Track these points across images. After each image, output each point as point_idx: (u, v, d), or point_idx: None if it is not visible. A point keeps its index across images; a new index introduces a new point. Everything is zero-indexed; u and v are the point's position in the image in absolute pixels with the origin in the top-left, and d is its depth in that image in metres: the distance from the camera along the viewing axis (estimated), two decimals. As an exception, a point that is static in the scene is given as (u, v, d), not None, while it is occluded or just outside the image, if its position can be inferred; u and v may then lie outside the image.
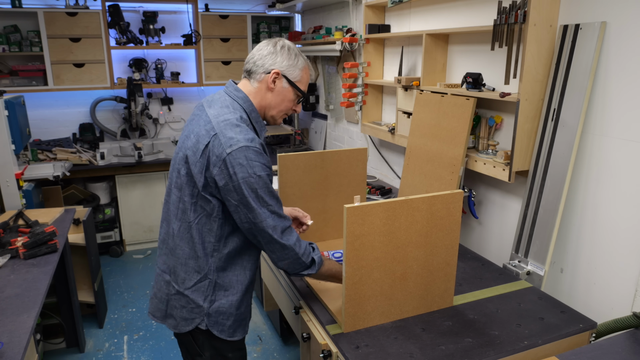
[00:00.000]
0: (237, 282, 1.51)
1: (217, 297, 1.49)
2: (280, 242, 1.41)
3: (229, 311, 1.51)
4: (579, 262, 1.85)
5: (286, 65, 1.46)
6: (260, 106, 1.50)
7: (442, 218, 1.51)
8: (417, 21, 2.72)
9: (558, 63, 1.82)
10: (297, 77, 1.48)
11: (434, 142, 2.33)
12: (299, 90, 1.50)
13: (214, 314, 1.49)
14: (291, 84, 1.48)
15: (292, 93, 1.50)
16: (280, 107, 1.51)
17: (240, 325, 1.56)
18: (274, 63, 1.45)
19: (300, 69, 1.48)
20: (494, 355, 1.37)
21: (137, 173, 4.07)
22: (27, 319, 1.64)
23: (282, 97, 1.48)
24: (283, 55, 1.46)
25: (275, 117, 1.54)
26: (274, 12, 4.60)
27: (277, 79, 1.46)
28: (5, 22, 3.80)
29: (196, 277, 1.47)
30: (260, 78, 1.46)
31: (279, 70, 1.45)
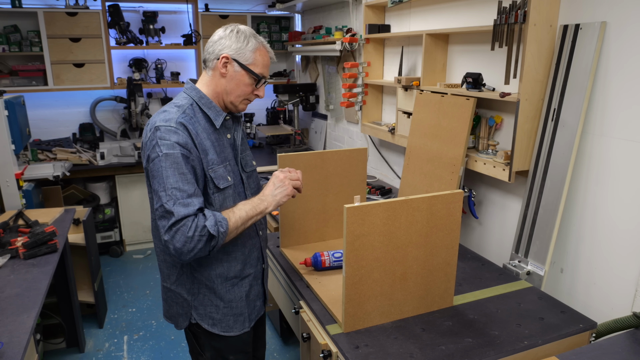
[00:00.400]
0: (217, 275, 1.49)
1: (199, 290, 1.49)
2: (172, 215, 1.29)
3: (215, 303, 1.49)
4: (579, 262, 1.85)
5: (235, 49, 1.40)
6: (215, 93, 1.46)
7: (442, 218, 1.51)
8: (417, 21, 2.72)
9: (558, 63, 1.82)
10: (249, 59, 1.42)
11: (434, 142, 2.33)
12: (252, 73, 1.43)
13: (199, 307, 1.49)
14: (243, 67, 1.41)
15: (247, 77, 1.43)
16: (237, 92, 1.45)
17: (236, 321, 1.54)
18: (223, 48, 1.41)
19: (251, 50, 1.41)
20: (494, 355, 1.37)
21: (137, 173, 4.07)
22: (27, 319, 1.64)
23: (236, 82, 1.43)
24: (232, 38, 1.41)
25: (234, 103, 1.47)
26: (274, 12, 4.60)
27: (227, 63, 1.41)
28: (5, 22, 3.80)
29: (175, 271, 1.49)
30: (212, 65, 1.43)
31: (228, 55, 1.40)
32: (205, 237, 1.31)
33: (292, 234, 2.11)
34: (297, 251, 2.09)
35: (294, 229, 2.11)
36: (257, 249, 1.61)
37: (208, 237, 1.31)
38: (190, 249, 1.29)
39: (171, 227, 1.29)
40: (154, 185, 1.33)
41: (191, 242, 1.29)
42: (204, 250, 1.33)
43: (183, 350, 2.84)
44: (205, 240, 1.31)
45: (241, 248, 1.53)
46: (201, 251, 1.32)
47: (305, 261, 1.89)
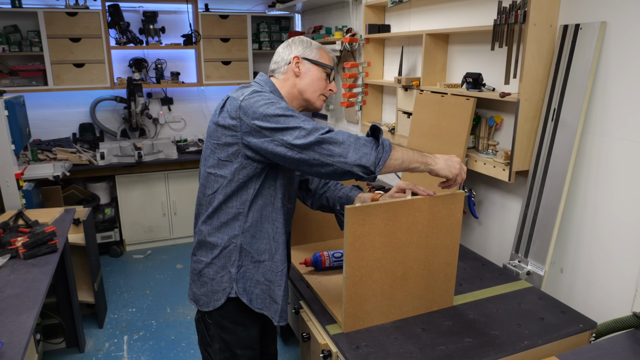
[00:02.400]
0: (264, 250, 1.51)
1: (243, 263, 1.50)
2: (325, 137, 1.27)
3: (256, 278, 1.51)
4: (579, 262, 1.85)
5: (302, 49, 1.54)
6: (291, 95, 1.54)
7: (443, 219, 1.51)
8: (417, 21, 2.72)
9: (558, 63, 1.82)
10: (317, 55, 1.54)
11: (434, 142, 2.33)
12: (323, 65, 1.54)
13: (241, 280, 1.50)
14: (314, 62, 1.54)
15: (319, 71, 1.55)
16: (314, 87, 1.54)
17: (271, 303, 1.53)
18: (291, 52, 1.54)
19: (316, 48, 1.55)
20: (494, 355, 1.37)
21: (137, 173, 4.07)
22: (27, 319, 1.64)
23: (310, 77, 1.53)
24: (296, 43, 1.55)
25: (312, 101, 1.55)
26: (274, 12, 4.60)
27: (299, 62, 1.53)
28: (5, 22, 3.80)
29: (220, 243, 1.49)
30: (284, 70, 1.54)
31: (298, 54, 1.53)
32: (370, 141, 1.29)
33: (292, 234, 2.11)
34: (297, 251, 2.09)
35: (294, 229, 2.11)
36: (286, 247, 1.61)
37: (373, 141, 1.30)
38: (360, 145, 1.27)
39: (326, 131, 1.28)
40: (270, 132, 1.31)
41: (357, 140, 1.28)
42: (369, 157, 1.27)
43: (183, 350, 2.84)
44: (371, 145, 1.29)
45: (283, 235, 1.55)
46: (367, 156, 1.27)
47: (305, 261, 1.89)
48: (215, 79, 4.42)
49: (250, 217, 1.47)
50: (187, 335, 2.99)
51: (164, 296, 3.47)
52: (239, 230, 1.48)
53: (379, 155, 1.28)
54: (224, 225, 1.49)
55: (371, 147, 1.29)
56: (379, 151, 1.28)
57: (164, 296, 3.47)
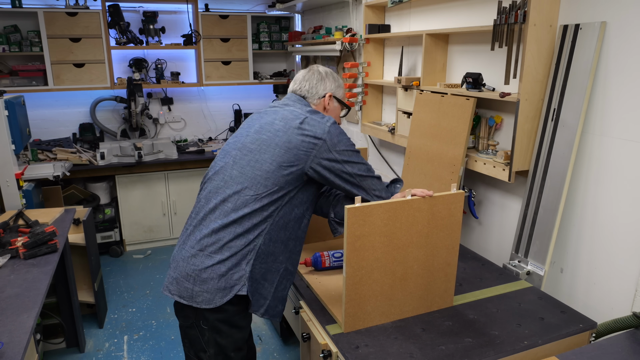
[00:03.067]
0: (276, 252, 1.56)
1: (256, 263, 1.53)
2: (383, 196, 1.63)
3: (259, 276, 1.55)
4: (579, 262, 1.85)
5: (334, 88, 1.74)
6: None
7: (443, 218, 1.51)
8: (417, 21, 2.72)
9: (558, 63, 1.82)
10: (342, 95, 1.79)
11: (434, 142, 2.33)
12: (345, 105, 1.81)
13: (251, 279, 1.52)
14: (339, 102, 1.77)
15: (339, 108, 1.80)
16: None
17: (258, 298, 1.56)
18: (326, 88, 1.72)
19: (342, 88, 1.79)
20: (494, 355, 1.37)
21: (137, 173, 4.07)
22: (27, 319, 1.64)
23: (334, 112, 1.77)
24: (330, 80, 1.74)
25: None
26: (274, 12, 4.60)
27: (330, 100, 1.73)
28: (5, 22, 3.80)
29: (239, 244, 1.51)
30: (317, 102, 1.72)
31: (332, 94, 1.73)
32: None
33: (292, 234, 2.11)
34: (297, 251, 2.08)
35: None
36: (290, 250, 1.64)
37: None
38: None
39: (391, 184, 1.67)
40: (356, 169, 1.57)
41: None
42: None
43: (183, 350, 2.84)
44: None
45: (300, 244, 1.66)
46: None
47: (305, 261, 1.89)
48: (215, 79, 4.42)
49: (276, 222, 1.55)
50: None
51: (164, 296, 3.47)
52: (262, 232, 1.53)
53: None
54: (252, 226, 1.52)
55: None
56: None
57: (164, 296, 3.47)
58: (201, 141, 4.64)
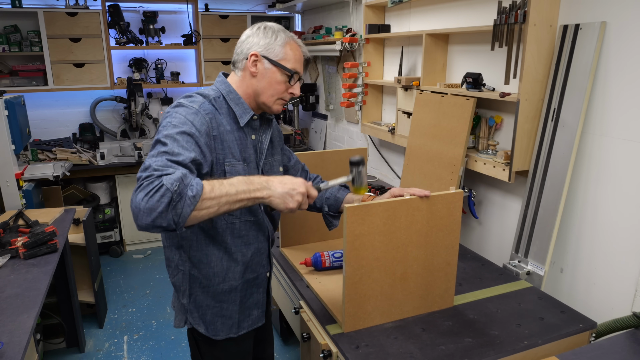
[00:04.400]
0: (214, 274, 1.41)
1: (193, 290, 1.42)
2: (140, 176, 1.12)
3: (206, 302, 1.43)
4: (579, 262, 1.85)
5: (263, 45, 1.33)
6: (246, 94, 1.38)
7: (443, 218, 1.51)
8: (417, 21, 2.72)
9: (558, 63, 1.82)
10: (280, 54, 1.34)
11: (434, 142, 2.33)
12: (284, 68, 1.34)
13: (194, 311, 1.45)
14: (274, 63, 1.34)
15: (279, 73, 1.35)
16: (270, 92, 1.36)
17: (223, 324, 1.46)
18: (251, 46, 1.34)
19: (280, 45, 1.34)
20: (494, 355, 1.37)
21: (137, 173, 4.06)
22: (27, 319, 1.64)
23: (267, 80, 1.35)
24: (259, 35, 1.35)
25: (267, 104, 1.38)
26: (274, 12, 4.60)
27: (257, 61, 1.34)
28: (5, 22, 3.80)
29: (170, 268, 1.44)
30: (242, 66, 1.36)
31: (257, 52, 1.33)
32: (165, 196, 1.04)
33: (292, 234, 2.11)
34: (297, 251, 2.09)
35: (294, 229, 2.11)
36: (264, 254, 1.51)
37: (169, 196, 1.05)
38: (148, 208, 1.04)
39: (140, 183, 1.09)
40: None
41: (150, 199, 1.04)
42: (165, 216, 1.05)
43: (183, 350, 2.84)
44: (166, 200, 1.04)
45: (243, 248, 1.43)
46: (161, 216, 1.05)
47: (305, 261, 1.89)
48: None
49: (194, 241, 1.37)
50: (187, 336, 2.98)
51: (164, 296, 3.47)
52: (185, 256, 1.39)
53: (177, 213, 1.06)
54: (168, 250, 1.42)
55: (166, 204, 1.05)
56: (176, 208, 1.06)
57: (164, 296, 3.47)
58: (201, 141, 4.64)
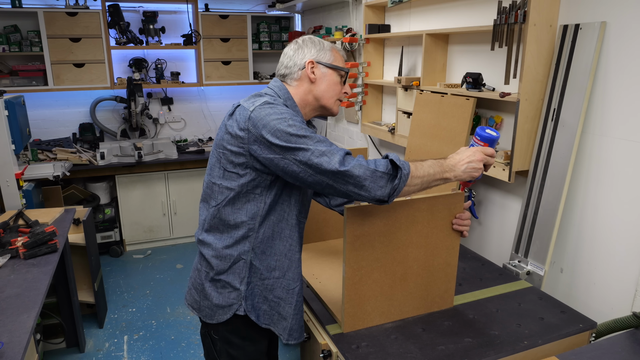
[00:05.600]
0: (275, 267, 1.44)
1: (252, 279, 1.44)
2: (344, 172, 1.22)
3: (264, 294, 1.45)
4: (579, 262, 1.85)
5: (315, 53, 1.44)
6: (303, 102, 1.45)
7: (443, 219, 1.51)
8: (417, 21, 2.72)
9: (558, 63, 1.82)
10: (330, 58, 1.45)
11: (434, 142, 2.33)
12: (339, 68, 1.46)
13: (249, 297, 1.44)
14: (329, 66, 1.44)
15: (335, 74, 1.46)
16: (330, 94, 1.46)
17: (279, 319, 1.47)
18: (304, 56, 1.43)
19: (328, 50, 1.46)
20: (494, 355, 1.37)
21: (137, 173, 4.07)
22: (27, 319, 1.64)
23: (326, 83, 1.45)
24: (308, 46, 1.45)
25: (329, 107, 1.47)
26: (274, 12, 4.60)
27: (314, 67, 1.43)
28: (5, 22, 3.80)
29: (229, 260, 1.43)
30: (297, 76, 1.44)
31: (312, 59, 1.43)
32: (390, 168, 1.23)
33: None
34: (297, 251, 2.09)
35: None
36: (300, 264, 1.54)
37: (394, 168, 1.24)
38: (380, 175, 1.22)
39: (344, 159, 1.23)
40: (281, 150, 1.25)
41: (379, 168, 1.22)
42: (388, 186, 1.23)
43: (183, 350, 2.84)
44: (391, 172, 1.23)
45: (299, 250, 1.50)
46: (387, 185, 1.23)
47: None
48: (215, 79, 4.42)
49: (262, 232, 1.41)
50: (187, 335, 2.99)
51: (164, 296, 3.47)
52: (249, 246, 1.41)
53: (394, 187, 1.24)
54: (233, 240, 1.42)
55: (387, 179, 1.24)
56: (395, 184, 1.24)
57: (164, 296, 3.47)
58: (201, 141, 4.64)
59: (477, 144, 1.41)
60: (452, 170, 1.33)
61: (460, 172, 1.33)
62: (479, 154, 1.35)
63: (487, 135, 1.41)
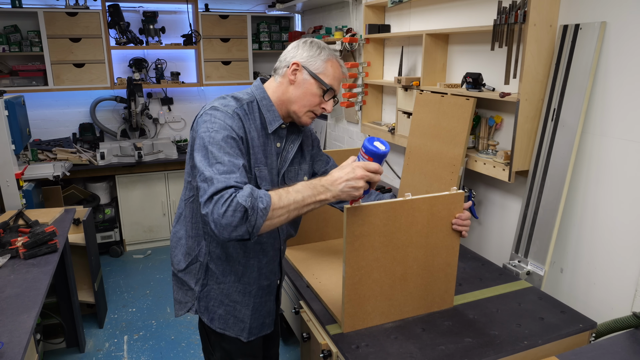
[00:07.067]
0: (231, 272, 1.47)
1: (208, 282, 1.48)
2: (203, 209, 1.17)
3: (220, 299, 1.48)
4: (579, 262, 1.85)
5: (307, 57, 1.39)
6: (280, 101, 1.42)
7: (443, 219, 1.51)
8: (417, 21, 2.72)
9: (558, 63, 1.82)
10: (320, 68, 1.38)
11: (434, 142, 2.33)
12: (321, 82, 1.38)
13: (203, 299, 1.49)
14: (312, 75, 1.38)
15: (315, 86, 1.39)
16: (303, 102, 1.40)
17: (235, 323, 1.50)
18: (295, 56, 1.40)
19: (323, 60, 1.39)
20: (494, 355, 1.37)
21: (137, 173, 4.07)
22: (27, 319, 1.64)
23: (303, 90, 1.39)
24: (304, 47, 1.41)
25: (297, 114, 1.42)
26: (274, 12, 4.60)
27: (297, 70, 1.39)
28: (5, 22, 3.80)
29: (187, 259, 1.48)
30: (282, 72, 1.42)
31: (299, 62, 1.38)
32: (239, 211, 1.13)
33: (292, 234, 2.11)
34: (297, 251, 2.09)
35: (294, 229, 2.11)
36: (276, 262, 1.56)
37: (242, 210, 1.13)
38: (226, 223, 1.13)
39: (210, 198, 1.16)
40: (197, 160, 1.25)
41: (225, 215, 1.13)
42: (241, 229, 1.14)
43: (183, 350, 2.84)
44: (239, 215, 1.13)
45: (260, 254, 1.49)
46: (237, 229, 1.14)
47: None
48: (215, 79, 4.42)
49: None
50: (187, 335, 2.99)
51: (164, 296, 3.47)
52: (206, 249, 1.44)
53: (251, 225, 1.15)
54: (192, 239, 1.46)
55: (239, 220, 1.13)
56: (249, 221, 1.14)
57: (164, 296, 3.47)
58: (201, 141, 4.64)
59: (363, 157, 1.25)
60: (327, 191, 1.22)
61: (338, 191, 1.21)
62: (359, 171, 1.21)
63: (373, 148, 1.23)
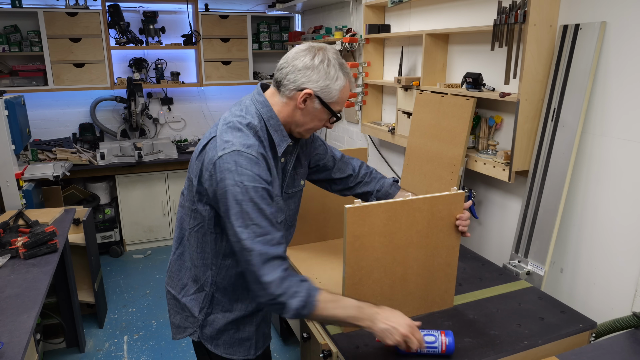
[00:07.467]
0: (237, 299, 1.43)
1: (213, 311, 1.42)
2: (256, 273, 1.19)
3: (224, 326, 1.43)
4: (579, 262, 1.85)
5: (322, 86, 1.26)
6: (285, 121, 1.34)
7: (443, 219, 1.51)
8: (417, 21, 2.72)
9: (558, 63, 1.82)
10: (334, 97, 1.29)
11: (434, 142, 2.33)
12: (332, 112, 1.31)
13: (207, 327, 1.43)
14: (324, 105, 1.28)
15: (324, 113, 1.31)
16: (309, 126, 1.34)
17: (241, 345, 1.46)
18: (308, 81, 1.25)
19: (338, 89, 1.28)
20: (494, 355, 1.37)
21: (137, 173, 4.07)
22: (27, 319, 1.64)
23: (311, 117, 1.31)
24: (320, 72, 1.25)
25: (302, 134, 1.38)
26: (274, 12, 4.60)
27: (308, 99, 1.27)
28: (5, 22, 3.80)
29: (195, 286, 1.43)
30: (290, 94, 1.28)
31: (312, 91, 1.26)
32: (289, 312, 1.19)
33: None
34: (296, 251, 2.09)
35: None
36: None
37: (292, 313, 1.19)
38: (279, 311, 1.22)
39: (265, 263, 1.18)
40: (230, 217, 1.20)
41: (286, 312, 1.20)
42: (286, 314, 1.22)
43: (183, 350, 2.84)
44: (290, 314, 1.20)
45: None
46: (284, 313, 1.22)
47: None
48: (215, 79, 4.42)
49: (225, 269, 1.38)
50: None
51: (164, 296, 3.47)
52: (212, 279, 1.39)
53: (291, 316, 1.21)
54: (197, 268, 1.40)
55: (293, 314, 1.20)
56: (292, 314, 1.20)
57: (164, 296, 3.47)
58: (201, 141, 4.64)
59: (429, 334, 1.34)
60: (370, 321, 1.24)
61: (377, 328, 1.24)
62: (405, 329, 1.24)
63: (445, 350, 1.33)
